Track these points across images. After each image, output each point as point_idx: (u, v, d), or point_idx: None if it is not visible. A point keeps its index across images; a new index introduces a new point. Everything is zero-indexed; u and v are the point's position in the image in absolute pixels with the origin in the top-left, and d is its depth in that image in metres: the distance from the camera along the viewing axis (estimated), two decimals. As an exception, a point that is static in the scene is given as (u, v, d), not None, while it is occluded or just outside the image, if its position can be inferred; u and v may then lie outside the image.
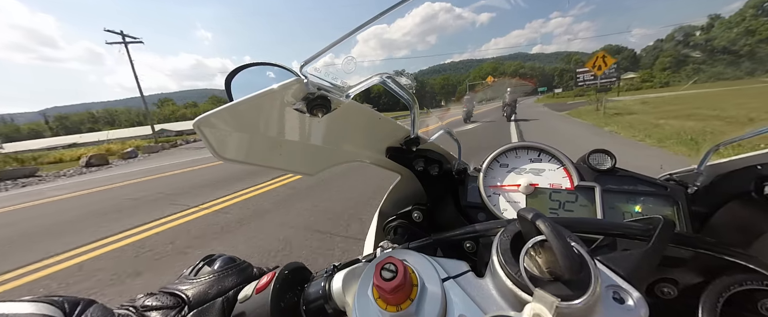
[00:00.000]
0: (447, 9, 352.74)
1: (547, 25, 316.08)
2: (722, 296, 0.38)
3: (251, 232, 3.51)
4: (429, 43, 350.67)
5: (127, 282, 2.62)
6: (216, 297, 0.39)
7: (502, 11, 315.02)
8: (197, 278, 0.42)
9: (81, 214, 5.14)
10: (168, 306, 0.37)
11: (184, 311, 0.37)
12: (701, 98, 22.54)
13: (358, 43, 29.57)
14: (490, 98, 62.87)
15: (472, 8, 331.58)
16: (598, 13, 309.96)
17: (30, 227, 4.66)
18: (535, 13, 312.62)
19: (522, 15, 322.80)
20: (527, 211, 0.30)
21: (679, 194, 0.53)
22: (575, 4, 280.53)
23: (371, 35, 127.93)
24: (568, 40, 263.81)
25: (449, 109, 27.89)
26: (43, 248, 3.61)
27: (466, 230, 0.44)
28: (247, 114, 0.38)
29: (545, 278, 0.27)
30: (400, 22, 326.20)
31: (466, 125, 14.15)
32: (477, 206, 0.65)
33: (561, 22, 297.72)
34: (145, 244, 3.45)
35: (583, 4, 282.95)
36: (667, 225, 0.36)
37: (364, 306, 0.32)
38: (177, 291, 0.39)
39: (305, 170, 0.53)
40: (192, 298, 0.38)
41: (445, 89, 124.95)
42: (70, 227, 4.42)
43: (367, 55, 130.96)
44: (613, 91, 33.51)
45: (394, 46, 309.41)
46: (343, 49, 0.36)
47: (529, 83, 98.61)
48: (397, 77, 0.42)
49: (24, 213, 5.72)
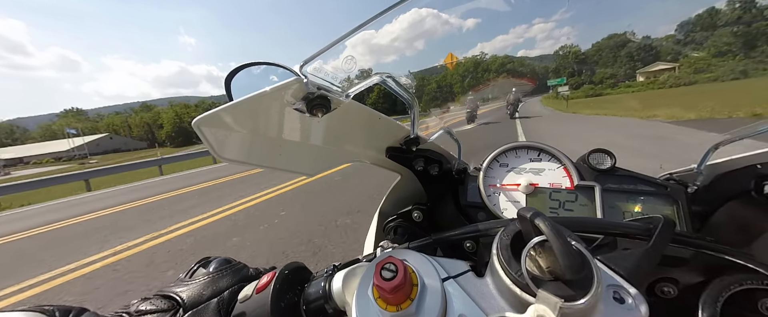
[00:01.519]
0: (434, 15, 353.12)
1: (531, 30, 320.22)
2: (722, 295, 0.38)
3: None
4: (417, 49, 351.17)
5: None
6: (211, 298, 0.39)
7: (487, 17, 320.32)
8: (192, 280, 0.42)
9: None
10: (162, 309, 0.37)
11: (178, 313, 0.37)
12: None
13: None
14: (492, 97, 63.22)
15: (459, 14, 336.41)
16: (578, 19, 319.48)
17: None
18: (519, 18, 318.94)
19: (506, 21, 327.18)
20: (527, 211, 0.30)
21: (679, 193, 0.53)
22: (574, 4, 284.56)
23: (359, 41, 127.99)
24: (550, 45, 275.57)
25: (448, 109, 27.87)
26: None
27: (466, 230, 0.44)
28: (246, 114, 0.38)
29: (546, 278, 0.27)
30: (388, 27, 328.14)
31: (467, 125, 14.08)
32: (477, 205, 0.65)
33: (543, 27, 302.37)
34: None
35: (564, 9, 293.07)
36: (667, 225, 0.36)
37: (364, 306, 0.32)
38: (172, 293, 0.39)
39: (305, 170, 0.53)
40: (187, 300, 0.38)
41: (443, 90, 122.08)
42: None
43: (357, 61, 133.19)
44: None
45: (382, 52, 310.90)
46: (343, 49, 0.36)
47: (530, 83, 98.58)
48: (397, 77, 0.42)
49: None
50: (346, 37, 0.35)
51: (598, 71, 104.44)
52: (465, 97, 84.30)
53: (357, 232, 3.20)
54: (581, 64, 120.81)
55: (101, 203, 7.41)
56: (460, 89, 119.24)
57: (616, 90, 66.54)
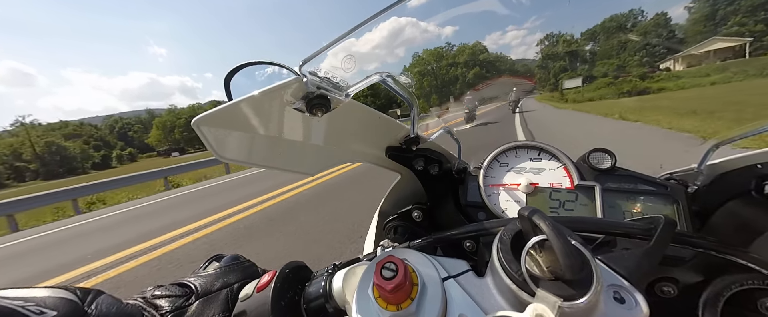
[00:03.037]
0: (413, 23, 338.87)
1: (505, 37, 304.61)
2: (723, 295, 0.38)
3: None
4: (397, 56, 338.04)
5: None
6: (221, 289, 0.43)
7: (463, 25, 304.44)
8: (205, 272, 0.46)
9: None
10: (176, 295, 0.40)
11: (191, 299, 0.40)
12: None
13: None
14: (492, 96, 60.70)
15: (437, 22, 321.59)
16: (548, 27, 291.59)
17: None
18: (493, 26, 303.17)
19: (481, 28, 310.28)
20: (527, 210, 0.30)
21: (680, 193, 0.53)
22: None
23: (340, 49, 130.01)
24: (523, 51, 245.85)
25: (448, 108, 27.75)
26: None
27: (466, 229, 0.44)
28: (246, 114, 0.38)
29: (546, 277, 0.27)
30: (368, 36, 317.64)
31: (466, 125, 14.02)
32: (477, 205, 0.65)
33: (516, 34, 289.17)
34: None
35: (535, 18, 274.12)
36: (667, 224, 0.36)
37: (364, 305, 0.32)
38: (186, 281, 0.43)
39: (305, 169, 0.53)
40: (199, 288, 0.42)
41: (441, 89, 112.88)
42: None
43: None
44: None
45: (364, 60, 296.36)
46: (343, 48, 0.36)
47: (530, 82, 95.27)
48: (396, 76, 0.41)
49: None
50: (346, 36, 0.34)
51: (600, 63, 77.33)
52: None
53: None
54: (574, 55, 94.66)
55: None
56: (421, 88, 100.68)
57: (657, 81, 44.07)
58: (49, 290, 0.30)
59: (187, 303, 0.40)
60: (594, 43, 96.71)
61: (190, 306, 0.40)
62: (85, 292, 0.33)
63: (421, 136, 0.58)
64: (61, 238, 5.38)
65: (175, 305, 0.39)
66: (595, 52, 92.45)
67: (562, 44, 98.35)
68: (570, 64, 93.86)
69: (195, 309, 0.39)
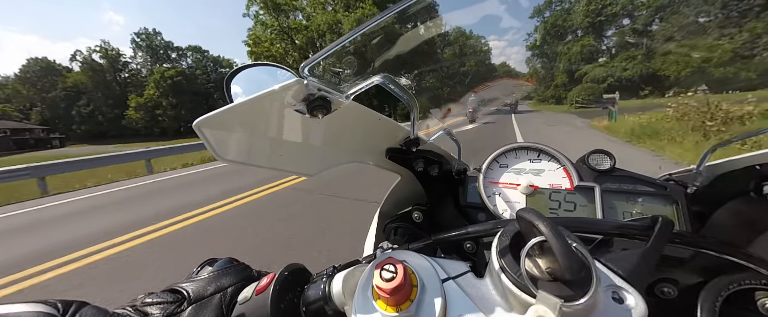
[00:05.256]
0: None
1: (505, 37, 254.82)
2: (721, 295, 0.38)
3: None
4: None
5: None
6: (214, 293, 0.42)
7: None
8: (198, 277, 0.45)
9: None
10: (168, 302, 0.39)
11: (183, 305, 0.39)
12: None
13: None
14: (493, 97, 58.37)
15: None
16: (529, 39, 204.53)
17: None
18: (493, 28, 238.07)
19: (486, 27, 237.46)
20: (526, 211, 0.30)
21: (679, 194, 0.53)
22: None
23: (341, 51, 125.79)
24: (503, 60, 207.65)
25: (450, 109, 27.87)
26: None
27: (466, 231, 0.44)
28: (247, 115, 0.38)
29: (545, 278, 0.27)
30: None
31: (468, 125, 14.00)
32: (477, 206, 0.65)
33: (497, 44, 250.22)
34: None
35: (514, 30, 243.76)
36: (665, 225, 0.36)
37: (364, 307, 0.32)
38: (178, 287, 0.42)
39: (305, 170, 0.53)
40: (192, 293, 0.41)
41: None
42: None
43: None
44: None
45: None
46: (344, 51, 0.36)
47: (530, 83, 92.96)
48: (397, 78, 0.42)
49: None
50: (347, 38, 0.35)
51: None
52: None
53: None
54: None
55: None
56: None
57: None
58: (26, 305, 0.29)
59: (179, 309, 0.39)
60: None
61: (182, 312, 0.39)
62: (67, 304, 0.32)
63: (421, 137, 0.58)
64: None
65: (166, 312, 0.38)
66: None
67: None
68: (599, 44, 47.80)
69: (187, 315, 0.38)
